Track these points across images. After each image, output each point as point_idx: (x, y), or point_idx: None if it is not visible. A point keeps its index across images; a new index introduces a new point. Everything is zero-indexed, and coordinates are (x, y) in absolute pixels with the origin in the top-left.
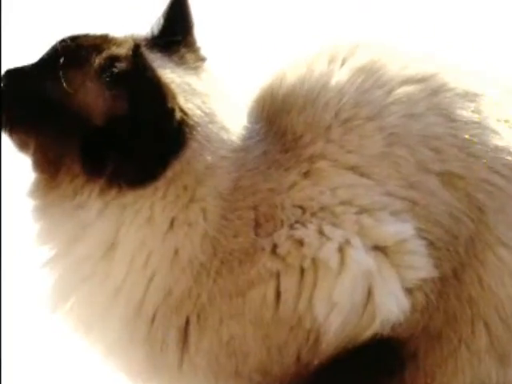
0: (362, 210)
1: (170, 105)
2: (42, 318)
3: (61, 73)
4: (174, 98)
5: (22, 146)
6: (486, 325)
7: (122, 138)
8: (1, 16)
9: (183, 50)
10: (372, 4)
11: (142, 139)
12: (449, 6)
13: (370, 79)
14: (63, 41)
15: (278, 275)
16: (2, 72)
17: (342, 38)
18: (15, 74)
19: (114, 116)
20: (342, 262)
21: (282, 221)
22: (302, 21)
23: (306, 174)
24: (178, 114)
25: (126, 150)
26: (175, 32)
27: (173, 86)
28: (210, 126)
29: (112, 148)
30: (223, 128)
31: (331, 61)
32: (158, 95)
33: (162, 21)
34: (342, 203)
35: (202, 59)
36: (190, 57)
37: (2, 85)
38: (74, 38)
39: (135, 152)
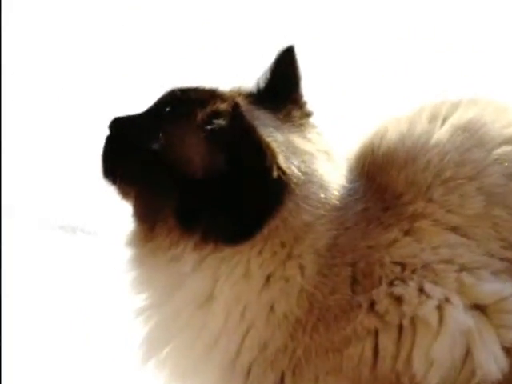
0: (463, 269)
1: (267, 163)
2: (42, 318)
3: (165, 124)
4: (273, 156)
5: (124, 194)
6: None
7: (217, 194)
8: (1, 16)
9: (289, 106)
10: (373, 4)
11: (237, 196)
12: (449, 6)
13: (471, 138)
14: (173, 92)
15: (375, 333)
16: (108, 119)
17: (443, 95)
18: (122, 122)
19: (212, 171)
20: (441, 320)
21: (380, 277)
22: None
23: (407, 232)
24: (275, 173)
25: (221, 206)
26: (282, 87)
27: (273, 145)
28: (309, 185)
29: (207, 203)
30: (322, 187)
31: (433, 119)
32: (255, 153)
33: (268, 75)
34: (443, 261)
35: (308, 114)
36: (295, 113)
37: (108, 133)
38: (183, 91)
39: (230, 209)
